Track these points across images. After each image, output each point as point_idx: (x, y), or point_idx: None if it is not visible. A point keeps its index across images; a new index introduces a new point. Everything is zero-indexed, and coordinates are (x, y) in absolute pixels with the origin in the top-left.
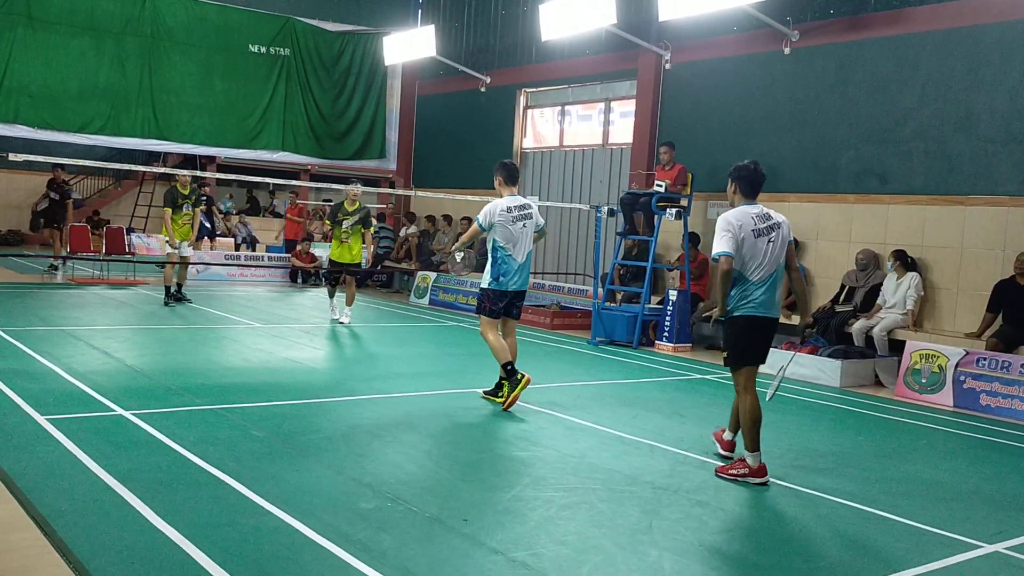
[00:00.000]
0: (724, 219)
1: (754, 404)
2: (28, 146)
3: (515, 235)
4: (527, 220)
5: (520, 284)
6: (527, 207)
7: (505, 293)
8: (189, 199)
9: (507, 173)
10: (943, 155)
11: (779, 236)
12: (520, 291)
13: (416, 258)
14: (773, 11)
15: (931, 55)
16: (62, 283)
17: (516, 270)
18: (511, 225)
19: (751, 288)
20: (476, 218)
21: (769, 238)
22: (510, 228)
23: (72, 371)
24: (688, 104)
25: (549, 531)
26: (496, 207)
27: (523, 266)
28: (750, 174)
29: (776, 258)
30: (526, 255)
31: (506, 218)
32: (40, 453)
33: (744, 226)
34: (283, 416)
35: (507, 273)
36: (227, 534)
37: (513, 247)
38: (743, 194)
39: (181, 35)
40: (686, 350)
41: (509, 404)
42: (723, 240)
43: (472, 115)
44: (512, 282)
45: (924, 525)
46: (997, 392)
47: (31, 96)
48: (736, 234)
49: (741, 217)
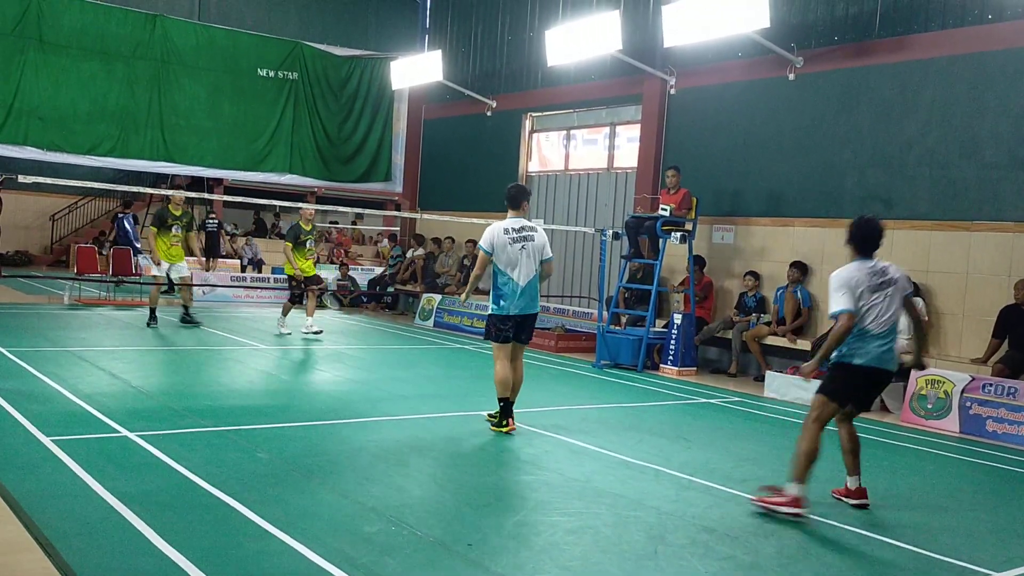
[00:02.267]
0: (838, 277)
1: (818, 437)
2: (37, 168)
3: (513, 257)
4: (527, 242)
5: (523, 308)
6: (529, 229)
7: (508, 317)
8: (180, 220)
9: (508, 196)
10: (948, 181)
11: (895, 290)
12: (526, 315)
13: (421, 280)
14: (777, 38)
15: (935, 82)
16: (69, 304)
17: (518, 293)
18: (509, 247)
19: (870, 339)
20: (480, 246)
21: (886, 292)
22: (508, 250)
23: (78, 392)
24: (693, 129)
25: (554, 556)
26: (496, 230)
27: (525, 289)
28: (862, 232)
29: (895, 311)
30: (529, 278)
31: (503, 240)
32: (45, 474)
33: (859, 282)
34: (288, 438)
35: (508, 296)
36: (231, 557)
37: (512, 270)
38: (857, 251)
39: (190, 59)
40: (691, 374)
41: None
42: (841, 297)
43: (478, 139)
44: (514, 306)
45: (930, 552)
46: (1003, 418)
47: (41, 118)
48: (853, 290)
49: (855, 274)
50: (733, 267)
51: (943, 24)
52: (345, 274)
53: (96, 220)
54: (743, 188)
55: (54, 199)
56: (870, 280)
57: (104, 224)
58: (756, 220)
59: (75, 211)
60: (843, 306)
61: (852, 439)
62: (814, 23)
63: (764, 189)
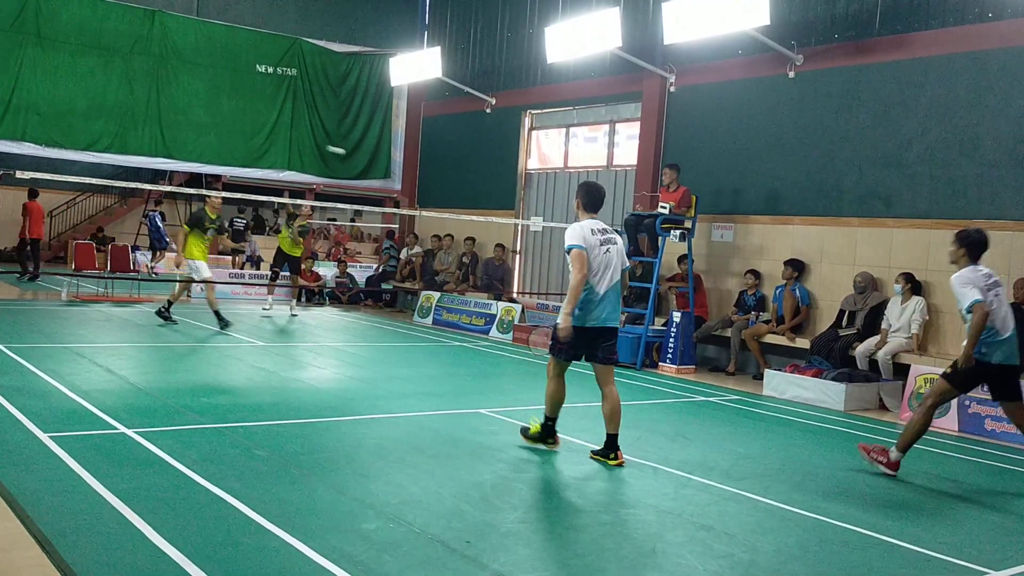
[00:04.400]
0: (961, 277)
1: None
2: (35, 164)
3: (599, 261)
4: (612, 245)
5: (603, 320)
6: (611, 232)
7: (584, 330)
8: (215, 224)
9: (589, 198)
10: (947, 179)
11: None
12: (604, 328)
13: (420, 278)
14: (778, 35)
15: (935, 80)
16: (66, 300)
17: (595, 302)
18: (596, 248)
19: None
20: (569, 245)
21: (995, 291)
22: (597, 252)
23: (75, 389)
24: (693, 127)
25: (552, 554)
26: (585, 228)
27: (605, 298)
28: (973, 239)
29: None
30: (610, 285)
31: (594, 240)
32: (42, 471)
33: (978, 282)
34: (286, 435)
35: (586, 306)
36: (229, 554)
37: (594, 275)
38: (970, 258)
39: (189, 54)
40: (690, 372)
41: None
42: (971, 291)
43: (477, 136)
44: (590, 317)
45: (930, 551)
46: (1002, 417)
47: (39, 114)
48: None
49: (972, 276)
50: (732, 265)
51: (943, 22)
52: (343, 271)
53: (94, 216)
54: (742, 186)
55: (52, 195)
56: (985, 282)
57: (102, 220)
58: (755, 218)
59: (73, 207)
60: (976, 297)
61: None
62: (814, 21)
63: (763, 187)
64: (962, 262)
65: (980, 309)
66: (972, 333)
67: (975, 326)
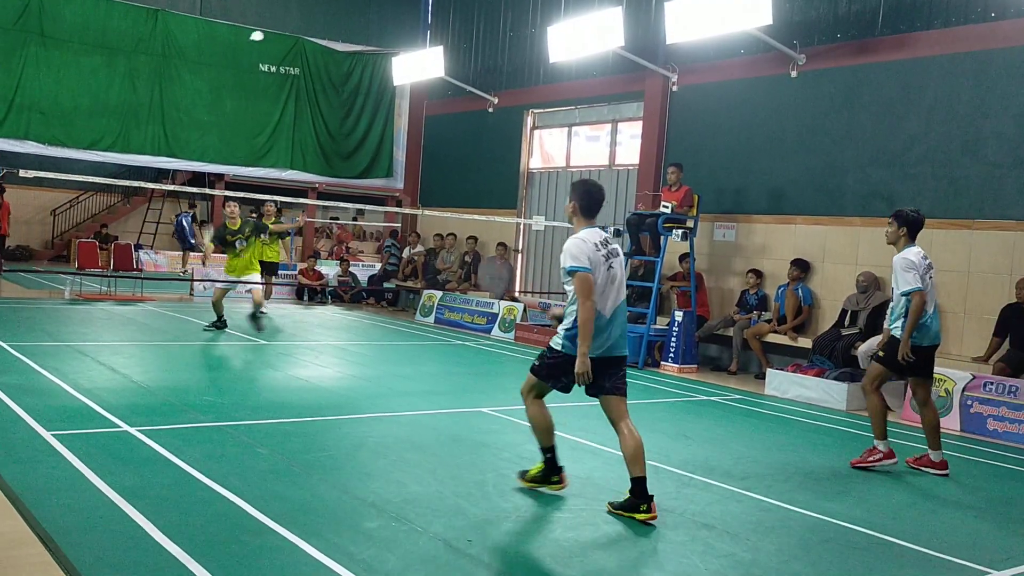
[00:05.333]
0: (904, 259)
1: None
2: (38, 162)
3: (603, 279)
4: (615, 259)
5: (608, 349)
6: (612, 243)
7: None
8: (241, 233)
9: (587, 200)
10: (950, 179)
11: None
12: (610, 358)
13: (422, 277)
14: (780, 35)
15: (938, 79)
16: (69, 298)
17: (604, 327)
18: (601, 267)
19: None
20: (571, 267)
21: (930, 274)
22: (600, 270)
23: (78, 387)
24: (695, 126)
25: (554, 553)
26: (587, 243)
27: (613, 320)
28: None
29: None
30: (616, 306)
31: (598, 258)
32: (45, 469)
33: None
34: (288, 434)
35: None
36: (231, 552)
37: (600, 296)
38: (910, 238)
39: (192, 54)
40: (692, 371)
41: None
42: (912, 277)
43: (480, 135)
44: (596, 344)
45: (931, 551)
46: (1004, 417)
47: (42, 113)
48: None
49: (917, 256)
50: (734, 265)
51: (946, 22)
52: (346, 270)
53: (97, 215)
54: (745, 185)
55: (55, 194)
56: (924, 265)
57: (105, 218)
58: (758, 218)
59: (76, 206)
60: (917, 284)
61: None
62: (816, 20)
63: (766, 187)
64: (902, 243)
65: (920, 297)
66: (911, 320)
67: (914, 313)
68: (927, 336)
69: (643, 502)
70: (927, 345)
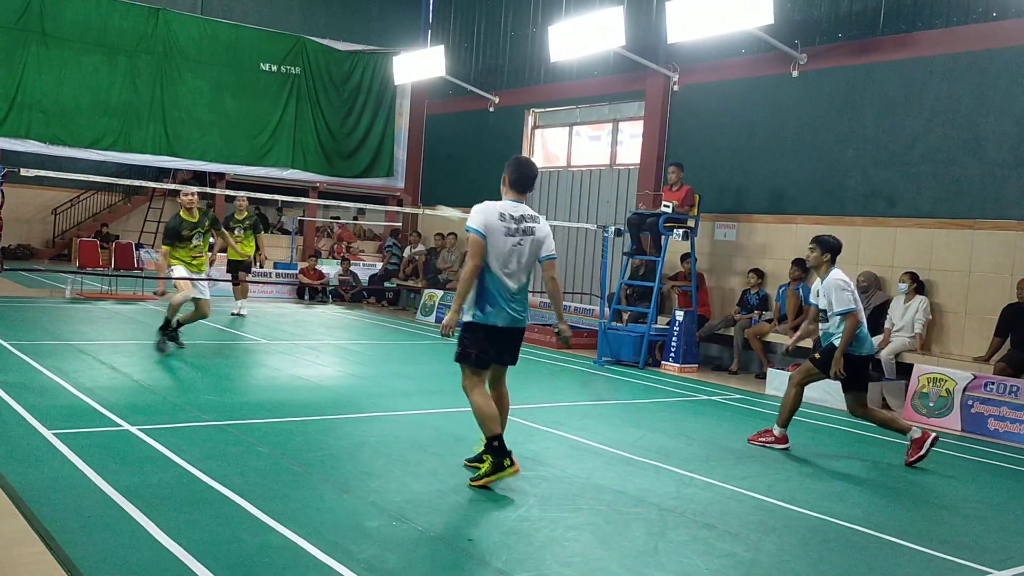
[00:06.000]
0: (842, 280)
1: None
2: (39, 161)
3: (504, 252)
4: (525, 236)
5: (510, 320)
6: (531, 219)
7: (494, 329)
8: (200, 227)
9: (514, 174)
10: (951, 179)
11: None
12: (511, 329)
13: (423, 276)
14: (781, 34)
15: (939, 79)
16: (70, 297)
17: (506, 299)
18: (503, 238)
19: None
20: (469, 227)
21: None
22: (500, 241)
23: (79, 386)
24: (696, 126)
25: (554, 552)
26: (490, 209)
27: (516, 295)
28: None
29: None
30: (520, 283)
31: (498, 226)
32: (46, 468)
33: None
34: (289, 433)
35: (493, 302)
36: (231, 551)
37: (502, 268)
38: (832, 263)
39: (193, 53)
40: (692, 371)
41: (480, 482)
42: (847, 297)
43: (480, 134)
44: (502, 316)
45: (932, 551)
46: (1005, 416)
47: (43, 112)
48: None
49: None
50: (735, 264)
51: (947, 21)
52: (347, 269)
53: (98, 214)
54: (746, 185)
55: (56, 193)
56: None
57: (106, 217)
58: (759, 217)
59: (77, 205)
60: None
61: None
62: (818, 20)
63: (767, 186)
64: (824, 267)
65: (854, 318)
66: (844, 339)
67: (848, 333)
68: (863, 347)
69: (505, 457)
70: (864, 355)
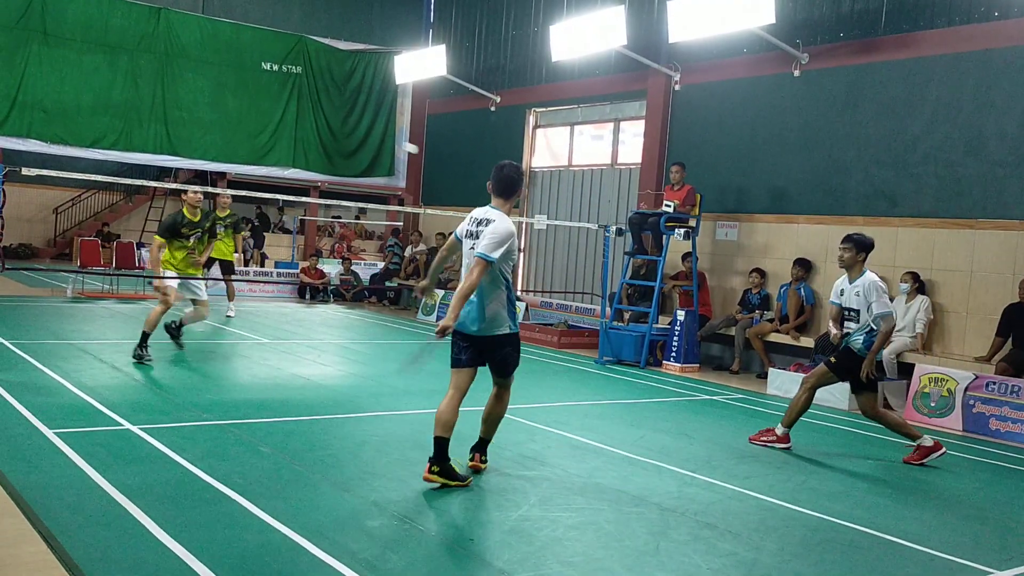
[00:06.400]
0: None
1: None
2: (40, 161)
3: (465, 253)
4: (475, 239)
5: (473, 327)
6: (485, 223)
7: (464, 336)
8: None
9: (492, 180)
10: (953, 179)
11: None
12: (483, 336)
13: (424, 275)
14: (783, 34)
15: (941, 79)
16: (72, 296)
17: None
18: (464, 240)
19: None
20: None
21: None
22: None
23: (81, 385)
24: (697, 125)
25: (556, 552)
26: (469, 217)
27: (473, 302)
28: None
29: None
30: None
31: (463, 230)
32: (47, 467)
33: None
34: (290, 432)
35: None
36: (233, 550)
37: (464, 269)
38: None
39: (194, 52)
40: (694, 370)
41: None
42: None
43: (482, 134)
44: (469, 320)
45: (933, 551)
46: (1007, 416)
47: (45, 111)
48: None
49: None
50: (736, 264)
51: (949, 21)
52: (348, 269)
53: (99, 213)
54: (747, 185)
55: (57, 192)
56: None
57: (107, 217)
58: (760, 217)
59: (78, 204)
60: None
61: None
62: (820, 19)
63: (768, 186)
64: (857, 267)
65: (892, 320)
66: (879, 341)
67: (884, 335)
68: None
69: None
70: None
